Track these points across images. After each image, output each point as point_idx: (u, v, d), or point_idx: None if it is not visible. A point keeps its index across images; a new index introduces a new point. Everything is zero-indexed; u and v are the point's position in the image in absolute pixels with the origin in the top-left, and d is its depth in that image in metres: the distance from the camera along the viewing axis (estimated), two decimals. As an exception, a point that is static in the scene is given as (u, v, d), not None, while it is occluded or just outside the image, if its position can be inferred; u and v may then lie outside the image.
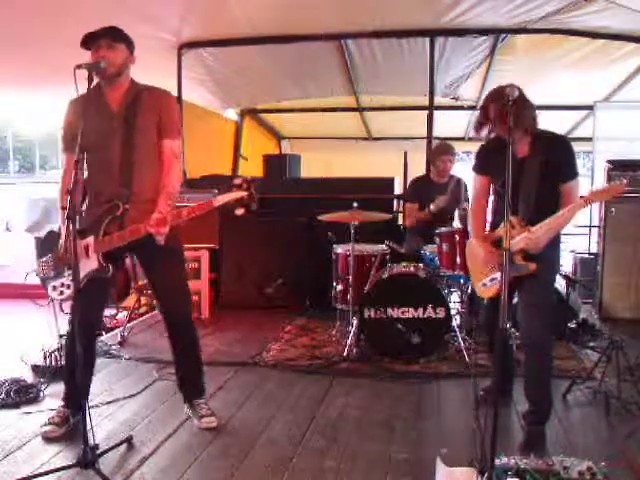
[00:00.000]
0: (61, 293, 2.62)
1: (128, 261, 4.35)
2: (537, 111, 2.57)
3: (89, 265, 2.50)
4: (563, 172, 2.58)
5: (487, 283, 2.69)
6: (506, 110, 2.23)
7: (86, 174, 2.59)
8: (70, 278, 2.54)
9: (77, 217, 2.25)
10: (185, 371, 2.86)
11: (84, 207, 2.60)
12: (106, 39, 2.46)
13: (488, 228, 2.88)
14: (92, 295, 2.56)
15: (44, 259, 2.69)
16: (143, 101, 2.55)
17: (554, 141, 2.61)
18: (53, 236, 2.69)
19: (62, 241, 2.57)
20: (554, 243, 2.60)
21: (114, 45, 2.48)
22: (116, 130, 2.52)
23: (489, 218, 2.90)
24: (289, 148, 9.09)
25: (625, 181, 2.39)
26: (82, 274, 2.50)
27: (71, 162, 2.59)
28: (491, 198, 2.90)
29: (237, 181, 2.35)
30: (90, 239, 2.50)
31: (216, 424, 2.74)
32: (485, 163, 2.80)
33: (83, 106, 2.44)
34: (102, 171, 2.55)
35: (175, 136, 2.62)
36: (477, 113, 2.68)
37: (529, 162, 2.57)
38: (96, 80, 2.44)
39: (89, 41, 2.47)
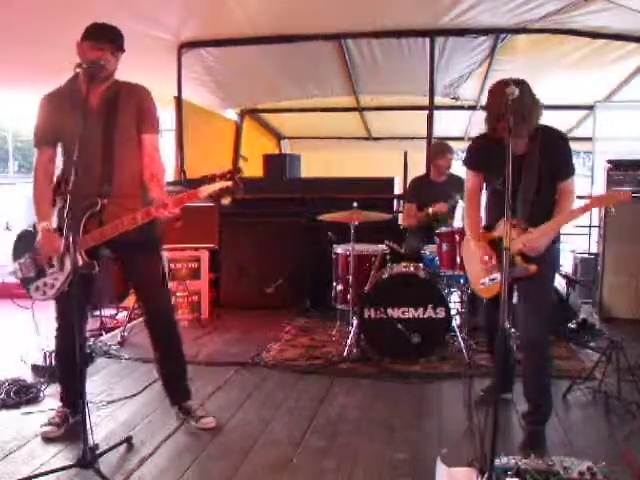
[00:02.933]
0: (44, 293, 2.57)
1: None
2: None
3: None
4: (561, 170, 2.56)
5: (486, 282, 2.66)
6: (506, 110, 2.19)
7: (59, 170, 2.59)
8: (53, 277, 2.53)
9: (65, 215, 2.24)
10: (171, 373, 2.83)
11: (57, 203, 2.58)
12: (111, 44, 2.45)
13: (483, 226, 2.83)
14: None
15: (22, 260, 2.62)
16: (122, 97, 2.55)
17: (553, 138, 2.57)
18: (28, 235, 2.63)
19: (39, 240, 2.52)
20: (553, 242, 2.59)
21: (116, 53, 2.49)
22: (96, 126, 2.50)
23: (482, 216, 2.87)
24: (289, 148, 9.08)
25: (630, 190, 2.40)
26: (65, 272, 2.49)
27: (45, 158, 2.59)
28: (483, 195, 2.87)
29: (221, 172, 2.36)
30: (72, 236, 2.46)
31: (215, 424, 2.73)
32: (479, 159, 2.74)
33: (61, 103, 2.44)
34: (83, 168, 2.45)
35: (154, 130, 2.62)
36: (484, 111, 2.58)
37: (528, 159, 2.53)
38: (71, 74, 2.45)
39: (93, 35, 2.44)
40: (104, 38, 2.44)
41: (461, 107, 7.02)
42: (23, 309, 5.15)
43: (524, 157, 2.54)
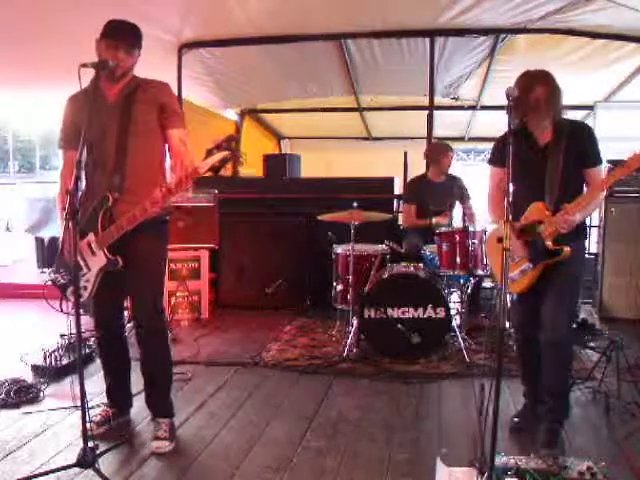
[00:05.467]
0: (80, 296, 2.54)
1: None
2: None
3: (97, 262, 2.48)
4: (586, 158, 2.56)
5: (516, 276, 2.60)
6: (508, 108, 2.17)
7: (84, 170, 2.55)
8: (85, 279, 2.50)
9: (65, 215, 2.18)
10: (149, 385, 2.71)
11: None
12: (128, 43, 2.44)
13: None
14: (107, 291, 2.55)
15: (55, 267, 2.63)
16: (140, 93, 2.53)
17: (576, 128, 2.59)
18: (56, 242, 2.66)
19: (61, 242, 2.53)
20: (581, 237, 2.59)
21: (132, 51, 2.48)
22: (112, 122, 2.49)
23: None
24: (289, 148, 9.09)
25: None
26: (94, 272, 2.49)
27: (70, 160, 2.56)
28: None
29: (216, 144, 2.26)
30: (90, 236, 2.48)
31: (167, 450, 2.50)
32: (503, 155, 2.59)
33: (83, 102, 2.42)
34: (98, 164, 2.50)
35: (180, 125, 2.59)
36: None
37: (552, 148, 2.55)
38: (88, 73, 2.40)
39: (111, 33, 2.43)
40: (120, 36, 2.43)
41: (461, 107, 7.02)
42: (22, 309, 5.18)
43: (548, 146, 2.56)
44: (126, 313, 4.41)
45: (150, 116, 2.53)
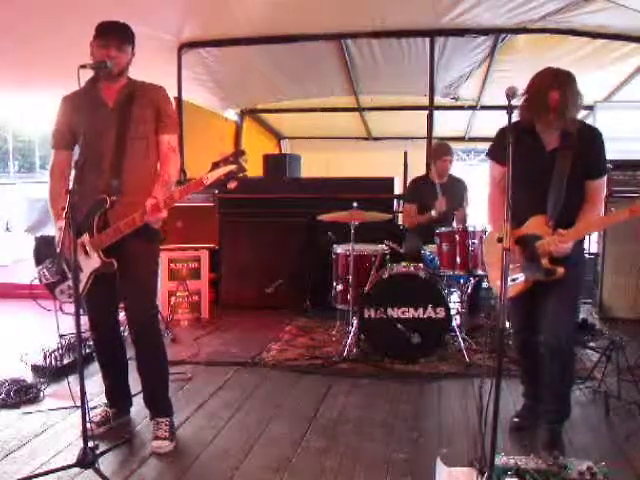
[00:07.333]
0: (69, 296, 2.57)
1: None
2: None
3: (91, 264, 2.48)
4: (592, 168, 2.46)
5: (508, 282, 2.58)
6: (509, 108, 2.09)
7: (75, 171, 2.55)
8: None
9: (65, 214, 2.19)
10: (146, 384, 2.70)
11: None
12: (118, 40, 2.44)
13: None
14: (100, 292, 2.55)
15: (44, 265, 2.63)
16: (138, 96, 2.54)
17: (587, 134, 2.47)
18: (47, 241, 2.63)
19: (57, 241, 2.52)
20: (581, 241, 2.52)
21: (124, 48, 2.47)
22: (110, 124, 2.49)
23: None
24: (289, 148, 9.09)
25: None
26: (86, 273, 2.49)
27: (61, 159, 2.58)
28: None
29: (224, 157, 2.31)
30: (85, 237, 2.46)
31: (168, 450, 2.50)
32: (504, 151, 2.59)
33: (78, 103, 2.43)
34: (94, 165, 2.49)
35: (173, 130, 2.61)
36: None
37: (560, 155, 2.43)
38: (87, 74, 2.41)
39: (101, 33, 2.44)
40: (109, 35, 2.44)
41: (461, 107, 7.03)
42: (22, 309, 5.18)
43: (556, 152, 2.45)
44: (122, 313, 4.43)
45: (147, 119, 2.54)
